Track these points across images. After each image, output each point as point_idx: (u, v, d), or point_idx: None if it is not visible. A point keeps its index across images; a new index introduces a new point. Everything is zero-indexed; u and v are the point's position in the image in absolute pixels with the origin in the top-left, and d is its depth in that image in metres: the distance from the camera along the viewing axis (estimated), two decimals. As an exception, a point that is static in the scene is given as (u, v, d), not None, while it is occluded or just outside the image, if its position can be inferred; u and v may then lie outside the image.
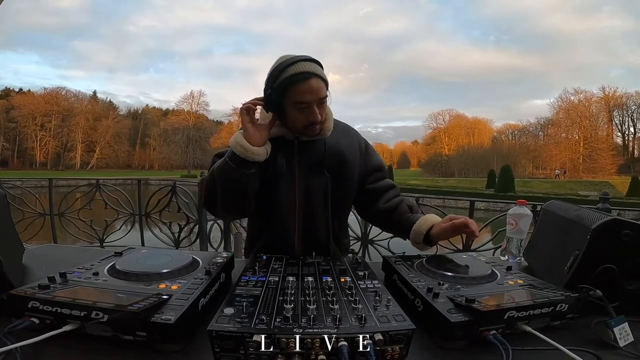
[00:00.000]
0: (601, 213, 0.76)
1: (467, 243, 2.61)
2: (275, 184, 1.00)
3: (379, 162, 1.12)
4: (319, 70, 0.90)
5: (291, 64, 0.88)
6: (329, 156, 1.01)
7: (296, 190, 1.01)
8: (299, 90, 0.88)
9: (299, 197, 1.01)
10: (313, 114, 0.91)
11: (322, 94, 0.91)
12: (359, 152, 1.08)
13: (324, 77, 0.92)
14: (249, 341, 0.49)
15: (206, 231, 3.18)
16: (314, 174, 1.01)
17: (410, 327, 0.52)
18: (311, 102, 0.90)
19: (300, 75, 0.87)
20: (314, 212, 1.02)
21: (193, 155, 45.73)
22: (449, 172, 48.77)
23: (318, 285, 0.67)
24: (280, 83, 0.88)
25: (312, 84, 0.88)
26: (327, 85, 0.93)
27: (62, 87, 47.50)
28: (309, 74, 0.88)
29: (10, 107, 41.58)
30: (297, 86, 0.88)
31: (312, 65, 0.90)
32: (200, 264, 0.78)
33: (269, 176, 0.99)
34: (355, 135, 1.10)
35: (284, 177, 1.00)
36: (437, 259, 0.88)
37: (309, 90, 0.89)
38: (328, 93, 0.94)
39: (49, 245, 1.30)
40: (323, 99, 0.92)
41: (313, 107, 0.91)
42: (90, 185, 3.29)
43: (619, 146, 43.03)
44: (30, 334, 0.51)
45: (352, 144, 1.07)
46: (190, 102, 48.31)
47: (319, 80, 0.90)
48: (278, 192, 1.01)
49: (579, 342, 0.58)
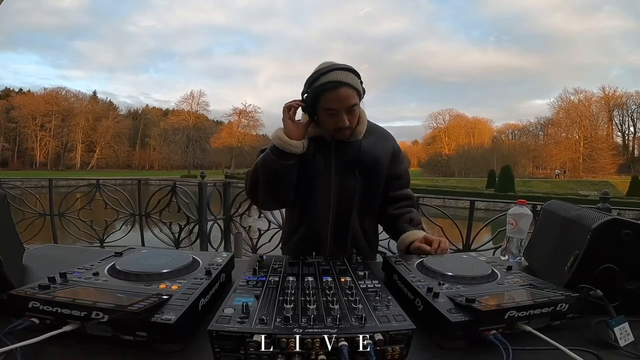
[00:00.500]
0: (601, 213, 0.76)
1: (467, 243, 2.61)
2: (312, 180, 1.08)
3: (402, 170, 1.18)
4: (351, 79, 0.96)
5: (325, 73, 0.95)
6: (363, 158, 1.07)
7: (331, 188, 1.08)
8: (328, 98, 0.96)
9: (334, 195, 1.08)
10: (341, 120, 0.98)
11: (350, 102, 0.97)
12: (390, 158, 1.14)
13: (355, 86, 0.97)
14: (249, 341, 0.49)
15: (206, 231, 3.18)
16: (347, 174, 1.08)
17: (411, 327, 0.52)
18: (340, 109, 0.97)
19: (330, 84, 0.95)
20: (346, 210, 1.09)
21: (193, 155, 45.74)
22: (449, 172, 48.75)
23: (318, 285, 0.67)
24: (314, 89, 0.97)
25: (342, 92, 0.95)
26: (360, 93, 1.00)
27: (62, 87, 47.51)
28: (339, 83, 0.94)
29: (10, 107, 41.57)
30: (327, 94, 0.96)
31: (346, 74, 0.96)
32: (200, 264, 0.78)
33: (307, 173, 1.07)
34: (392, 142, 1.17)
35: (321, 175, 1.08)
36: (437, 259, 0.88)
37: (338, 98, 0.96)
38: (361, 101, 1.02)
39: (49, 246, 1.30)
40: (352, 107, 0.98)
41: (341, 113, 0.98)
42: (90, 185, 3.29)
43: (619, 146, 43.02)
44: (30, 334, 0.51)
45: (387, 150, 1.13)
46: (190, 102, 48.34)
47: (349, 89, 0.96)
48: (315, 189, 1.09)
49: (579, 342, 0.58)
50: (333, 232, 1.10)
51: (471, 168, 46.38)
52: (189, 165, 44.75)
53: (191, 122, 46.98)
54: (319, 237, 1.09)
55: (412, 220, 1.12)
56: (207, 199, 3.19)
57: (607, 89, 42.66)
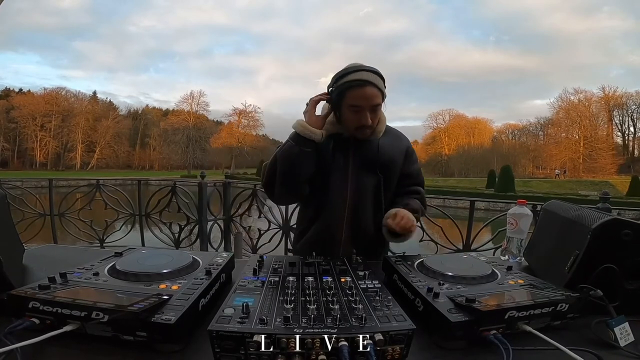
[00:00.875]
0: (601, 213, 0.76)
1: (467, 243, 2.61)
2: (329, 177, 1.10)
3: (415, 170, 1.19)
4: (377, 80, 1.00)
5: (354, 71, 0.99)
6: (381, 157, 1.10)
7: (348, 185, 1.10)
8: (354, 95, 0.99)
9: (350, 193, 1.10)
10: (364, 117, 1.01)
11: (375, 102, 1.01)
12: (405, 156, 1.16)
13: (380, 87, 1.01)
14: (249, 341, 0.49)
15: (206, 231, 3.18)
16: (365, 173, 1.10)
17: (411, 327, 0.52)
18: (364, 106, 1.00)
19: (357, 81, 0.98)
20: (363, 209, 1.11)
21: (193, 155, 45.72)
22: (449, 172, 48.73)
23: (318, 285, 0.67)
24: (340, 85, 1.00)
25: (367, 91, 0.98)
26: (384, 95, 1.04)
27: (62, 87, 47.50)
28: (366, 82, 0.98)
29: (10, 108, 41.56)
30: (353, 90, 0.99)
31: (372, 75, 0.99)
32: (200, 264, 0.78)
33: (325, 169, 1.08)
34: (406, 142, 1.20)
35: (338, 172, 1.10)
36: (437, 259, 0.88)
37: (363, 95, 0.99)
38: (384, 103, 1.05)
39: (49, 246, 1.30)
40: (376, 106, 1.02)
41: (365, 111, 1.00)
42: (90, 185, 3.29)
43: (619, 146, 42.99)
44: (30, 334, 0.51)
45: (402, 149, 1.16)
46: (190, 102, 48.30)
47: (374, 89, 0.99)
48: (330, 185, 1.10)
49: (580, 342, 0.58)
50: (348, 229, 1.10)
51: (471, 168, 46.38)
52: (189, 166, 44.74)
53: (191, 122, 46.95)
54: (333, 234, 1.10)
55: (408, 205, 1.10)
56: (207, 199, 3.19)
57: (607, 89, 42.67)
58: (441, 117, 55.04)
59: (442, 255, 0.93)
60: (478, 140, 51.51)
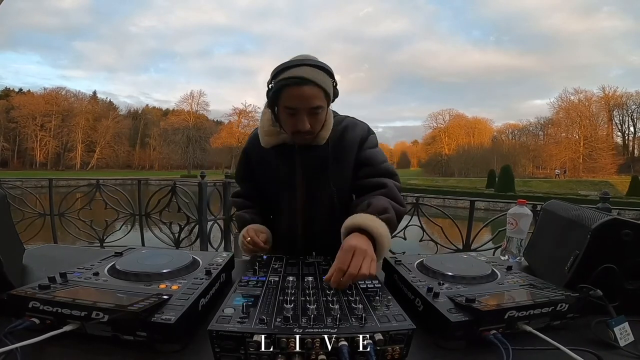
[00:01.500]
0: (601, 213, 0.76)
1: (467, 243, 2.61)
2: (278, 191, 1.03)
3: (370, 155, 0.99)
4: (319, 77, 0.85)
5: (291, 67, 0.85)
6: (332, 164, 0.97)
7: (297, 197, 1.01)
8: (289, 95, 0.86)
9: (301, 204, 1.02)
10: (301, 122, 0.87)
11: (313, 103, 0.86)
12: (357, 147, 0.99)
13: (323, 86, 0.86)
14: (249, 341, 0.49)
15: (206, 231, 3.18)
16: (316, 181, 0.99)
17: (411, 326, 0.52)
18: (301, 109, 0.86)
19: (294, 79, 0.84)
20: (318, 219, 1.02)
21: (193, 155, 45.76)
22: (449, 171, 48.76)
23: (318, 285, 0.67)
24: (276, 83, 0.86)
25: (305, 91, 0.84)
26: (329, 95, 0.89)
27: (62, 87, 47.57)
28: (304, 79, 0.83)
29: (10, 107, 41.56)
30: (289, 90, 0.85)
31: (314, 71, 0.85)
32: (200, 264, 0.78)
33: (272, 184, 1.03)
34: (360, 131, 1.00)
35: (286, 184, 1.01)
36: (437, 258, 0.88)
37: (300, 96, 0.85)
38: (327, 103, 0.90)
39: (49, 246, 1.30)
40: (315, 109, 0.87)
41: (302, 114, 0.87)
42: (90, 185, 3.29)
43: (619, 146, 43.01)
44: (30, 334, 0.51)
45: (354, 141, 0.99)
46: (190, 102, 48.36)
47: (314, 88, 0.85)
48: (281, 199, 1.04)
49: (579, 342, 0.58)
50: (303, 241, 1.03)
51: (471, 168, 46.39)
52: (189, 165, 44.76)
53: (191, 122, 46.99)
54: (291, 249, 1.01)
55: (370, 205, 0.86)
56: (207, 199, 3.19)
57: (607, 89, 42.69)
58: (441, 117, 55.12)
59: (442, 255, 0.92)
60: (478, 140, 51.55)
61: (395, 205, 0.90)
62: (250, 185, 1.13)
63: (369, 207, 0.86)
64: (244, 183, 1.16)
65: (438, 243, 2.72)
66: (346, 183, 1.00)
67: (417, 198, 2.82)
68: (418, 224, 2.73)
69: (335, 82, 0.92)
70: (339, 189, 0.99)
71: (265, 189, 1.07)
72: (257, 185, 1.10)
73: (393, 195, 0.92)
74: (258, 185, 1.10)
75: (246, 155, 1.10)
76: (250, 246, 0.96)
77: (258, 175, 1.08)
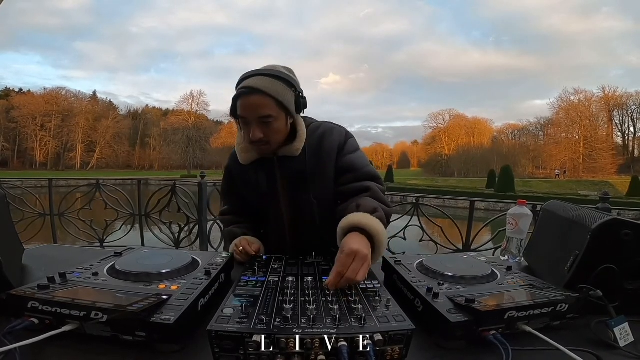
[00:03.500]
0: (601, 213, 0.76)
1: (467, 243, 2.61)
2: (263, 201, 1.04)
3: (351, 161, 0.98)
4: (269, 87, 0.86)
5: (246, 78, 0.88)
6: (310, 169, 0.97)
7: (281, 206, 1.02)
8: (240, 105, 0.89)
9: (286, 212, 1.03)
10: (252, 131, 0.89)
11: (261, 112, 0.87)
12: (336, 153, 0.98)
13: (274, 95, 0.86)
14: (248, 341, 0.48)
15: (206, 231, 3.18)
16: (297, 189, 1.00)
17: (410, 327, 0.52)
18: (249, 119, 0.89)
19: (242, 89, 0.87)
20: (302, 226, 1.02)
21: (193, 155, 45.76)
22: (449, 172, 48.78)
23: (318, 286, 0.67)
24: (234, 94, 0.90)
25: (252, 100, 0.86)
26: (283, 104, 0.88)
27: (62, 87, 47.60)
28: (251, 89, 0.86)
29: (10, 108, 41.58)
30: (240, 100, 0.88)
31: (264, 80, 0.86)
32: (200, 264, 0.78)
33: (256, 196, 1.03)
34: (337, 136, 1.00)
35: (269, 195, 1.02)
36: (437, 259, 0.88)
37: (248, 105, 0.87)
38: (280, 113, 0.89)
39: (48, 246, 1.30)
40: (264, 118, 0.88)
41: (252, 124, 0.89)
42: (90, 185, 3.30)
43: (619, 146, 43.05)
44: (29, 334, 0.51)
45: (332, 147, 0.98)
46: (190, 102, 48.38)
47: (262, 97, 0.86)
48: (267, 210, 1.05)
49: (579, 342, 0.58)
50: (293, 249, 1.03)
51: (471, 168, 46.42)
52: (189, 165, 44.75)
53: (191, 122, 47.00)
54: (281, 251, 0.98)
55: (360, 206, 0.87)
56: (207, 199, 3.19)
57: (607, 89, 42.71)
58: (441, 117, 55.16)
59: (441, 255, 0.92)
60: (478, 140, 51.60)
61: (382, 206, 0.90)
62: (237, 200, 1.13)
63: (359, 208, 0.86)
64: (230, 198, 1.16)
65: (438, 243, 2.72)
66: (328, 191, 1.00)
67: (417, 198, 2.82)
68: (418, 224, 2.73)
69: (298, 92, 0.92)
70: (321, 198, 0.99)
71: (251, 202, 1.08)
72: (243, 200, 1.10)
73: (378, 197, 0.93)
74: (244, 200, 1.10)
75: (229, 173, 1.12)
76: (243, 256, 0.95)
77: (242, 190, 1.09)
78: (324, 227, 0.95)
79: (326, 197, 1.00)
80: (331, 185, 0.99)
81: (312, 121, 1.05)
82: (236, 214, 1.14)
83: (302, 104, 0.94)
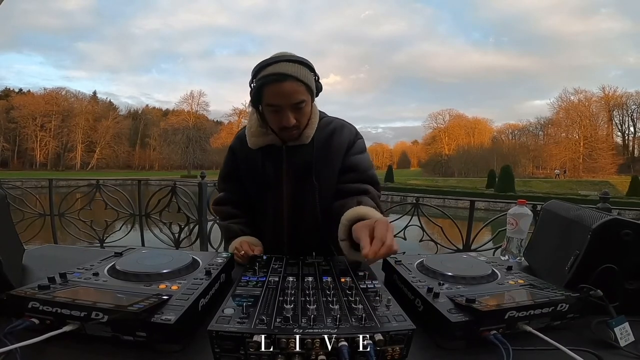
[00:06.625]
0: (601, 213, 0.76)
1: (467, 243, 2.61)
2: (264, 192, 1.01)
3: (356, 162, 1.00)
4: (299, 73, 0.86)
5: (270, 64, 0.86)
6: (317, 161, 0.97)
7: (283, 198, 1.00)
8: (271, 92, 0.86)
9: (287, 205, 1.01)
10: (285, 118, 0.88)
11: (296, 99, 0.87)
12: (345, 151, 1.00)
13: (305, 80, 0.86)
14: (249, 341, 0.48)
15: (206, 231, 3.18)
16: (301, 181, 0.98)
17: (411, 327, 0.52)
18: (283, 105, 0.87)
19: (273, 76, 0.84)
20: (302, 220, 1.01)
21: (193, 155, 45.77)
22: (449, 172, 48.78)
23: (318, 286, 0.67)
24: (257, 81, 0.87)
25: (286, 87, 0.85)
26: (312, 90, 0.90)
27: (62, 87, 47.61)
28: (284, 75, 0.84)
29: (10, 108, 41.58)
30: (270, 87, 0.86)
31: (293, 66, 0.85)
32: (200, 264, 0.78)
33: (258, 185, 1.01)
34: (348, 134, 1.01)
35: (271, 185, 1.00)
36: (437, 258, 0.88)
37: (281, 93, 0.86)
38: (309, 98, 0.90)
39: (49, 246, 1.30)
40: (298, 104, 0.88)
41: (286, 110, 0.88)
42: (90, 185, 3.30)
43: (619, 146, 43.06)
44: (30, 335, 0.51)
45: (342, 144, 0.99)
46: (190, 102, 48.42)
47: (295, 83, 0.85)
48: (266, 200, 1.02)
49: (580, 342, 0.58)
50: (292, 244, 1.01)
51: (471, 168, 46.41)
52: (189, 166, 44.76)
53: (191, 122, 47.02)
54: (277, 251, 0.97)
55: (361, 202, 0.89)
56: (207, 199, 3.18)
57: (607, 89, 42.71)
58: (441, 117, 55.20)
59: (442, 255, 0.92)
60: (478, 140, 51.61)
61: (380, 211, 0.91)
62: (234, 185, 1.10)
63: (361, 204, 0.87)
64: (227, 182, 1.12)
65: (438, 243, 2.72)
66: (332, 183, 0.99)
67: (417, 198, 2.82)
68: (418, 224, 2.73)
69: (317, 77, 0.92)
70: (322, 186, 0.98)
71: (249, 189, 1.05)
72: (241, 186, 1.07)
73: (375, 202, 0.94)
74: (243, 187, 1.07)
75: (232, 152, 1.09)
76: (244, 260, 0.93)
77: (242, 174, 1.06)
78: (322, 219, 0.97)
79: (328, 189, 0.99)
80: (335, 180, 1.00)
81: (324, 115, 1.05)
82: (233, 204, 1.10)
83: (319, 88, 0.95)
